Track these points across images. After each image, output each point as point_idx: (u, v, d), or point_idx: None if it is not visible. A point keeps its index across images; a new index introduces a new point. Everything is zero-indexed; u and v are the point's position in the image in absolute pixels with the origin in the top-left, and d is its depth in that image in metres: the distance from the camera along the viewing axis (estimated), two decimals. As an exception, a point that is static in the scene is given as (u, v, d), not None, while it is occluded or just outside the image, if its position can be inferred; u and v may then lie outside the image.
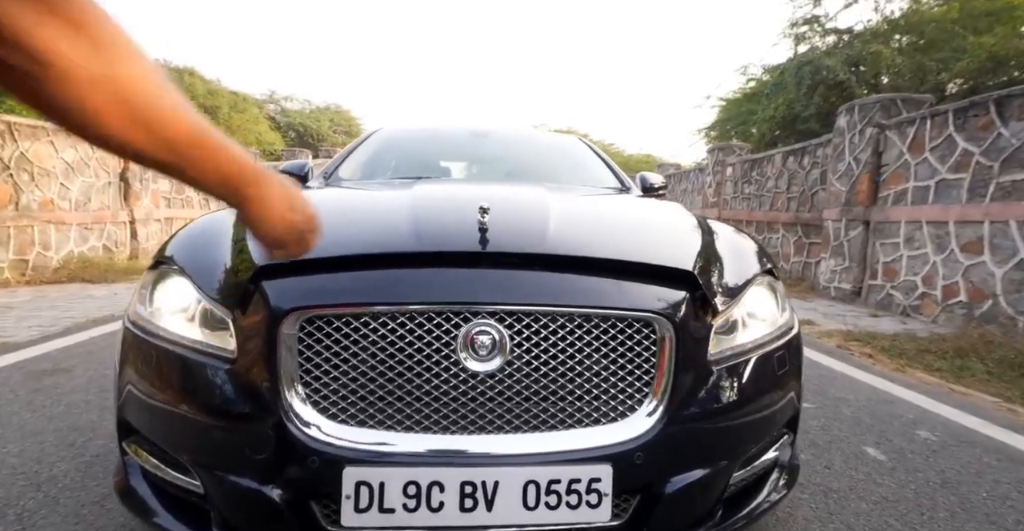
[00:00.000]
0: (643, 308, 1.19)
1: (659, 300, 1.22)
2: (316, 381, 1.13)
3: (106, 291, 6.10)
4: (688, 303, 1.23)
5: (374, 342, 1.14)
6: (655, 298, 1.22)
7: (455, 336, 1.14)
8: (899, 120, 5.92)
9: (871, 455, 2.21)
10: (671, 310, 1.20)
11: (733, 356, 1.30)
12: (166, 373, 1.22)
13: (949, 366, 3.69)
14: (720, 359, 1.27)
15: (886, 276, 6.03)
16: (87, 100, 0.42)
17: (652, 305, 1.20)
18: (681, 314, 1.20)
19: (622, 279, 1.23)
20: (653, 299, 1.22)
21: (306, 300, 1.14)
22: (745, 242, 1.69)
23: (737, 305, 1.38)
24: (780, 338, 1.42)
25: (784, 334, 1.44)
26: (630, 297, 1.20)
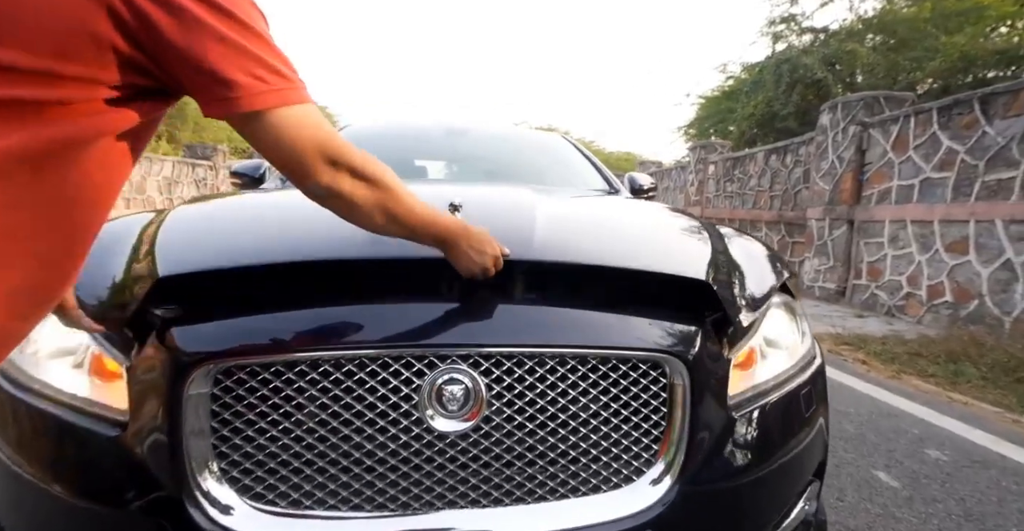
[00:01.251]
0: (651, 347, 0.96)
1: (668, 335, 0.99)
2: (236, 451, 0.87)
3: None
4: (703, 333, 1.01)
5: (312, 398, 0.89)
6: (663, 332, 1.00)
7: (417, 387, 0.90)
8: (882, 118, 5.85)
9: (884, 481, 2.03)
10: (683, 346, 0.98)
11: (755, 397, 1.08)
12: (35, 440, 0.95)
13: (943, 371, 3.57)
14: (740, 403, 1.05)
15: (871, 276, 5.96)
16: (373, 216, 0.81)
17: (661, 342, 0.98)
18: (695, 350, 0.98)
19: (623, 304, 1.00)
20: (661, 334, 0.99)
21: (221, 344, 0.88)
22: (757, 248, 1.48)
23: (755, 333, 1.17)
24: (804, 370, 1.21)
25: (807, 365, 1.24)
26: (635, 332, 0.98)
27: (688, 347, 0.98)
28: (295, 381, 0.88)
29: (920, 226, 5.26)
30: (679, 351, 0.97)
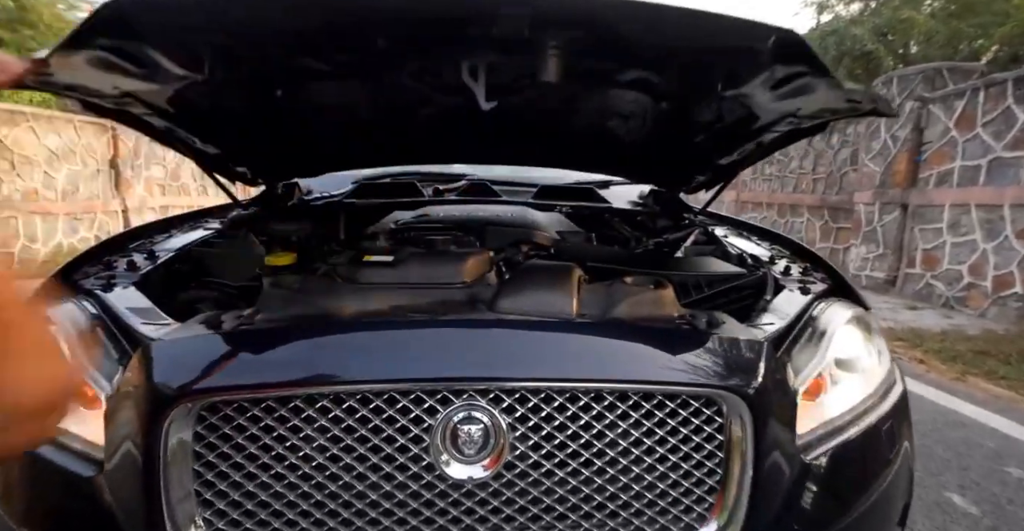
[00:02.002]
0: (704, 382, 0.80)
1: (724, 364, 0.83)
2: (221, 499, 0.76)
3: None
4: (766, 360, 0.84)
5: (309, 439, 0.76)
6: (718, 362, 0.83)
7: (429, 427, 0.77)
8: (945, 93, 5.37)
9: (959, 506, 1.81)
10: (742, 378, 0.81)
11: (828, 436, 0.91)
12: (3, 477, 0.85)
13: (1016, 373, 3.26)
14: (810, 443, 0.88)
15: (926, 264, 5.56)
16: None
17: (715, 374, 0.81)
18: (757, 382, 0.81)
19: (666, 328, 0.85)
20: (716, 364, 0.83)
21: (204, 378, 0.76)
22: (810, 254, 1.32)
23: (824, 355, 0.99)
24: (884, 399, 1.03)
25: (887, 392, 1.05)
26: (684, 363, 0.82)
27: (748, 379, 0.82)
28: (289, 419, 0.76)
29: (986, 211, 4.84)
30: (737, 385, 0.81)
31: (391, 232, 1.53)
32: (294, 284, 1.12)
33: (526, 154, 1.81)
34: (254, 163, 1.84)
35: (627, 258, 1.43)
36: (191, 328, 0.94)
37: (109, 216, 7.89)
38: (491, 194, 2.02)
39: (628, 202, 2.22)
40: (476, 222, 1.56)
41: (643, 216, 1.96)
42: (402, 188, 2.07)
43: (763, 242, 1.72)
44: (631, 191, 2.34)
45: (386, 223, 1.67)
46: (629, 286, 1.13)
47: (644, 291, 1.10)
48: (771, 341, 0.96)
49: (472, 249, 1.32)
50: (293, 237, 1.68)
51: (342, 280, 1.19)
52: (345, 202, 1.84)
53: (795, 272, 1.37)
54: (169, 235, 1.60)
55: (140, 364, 0.78)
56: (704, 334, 0.89)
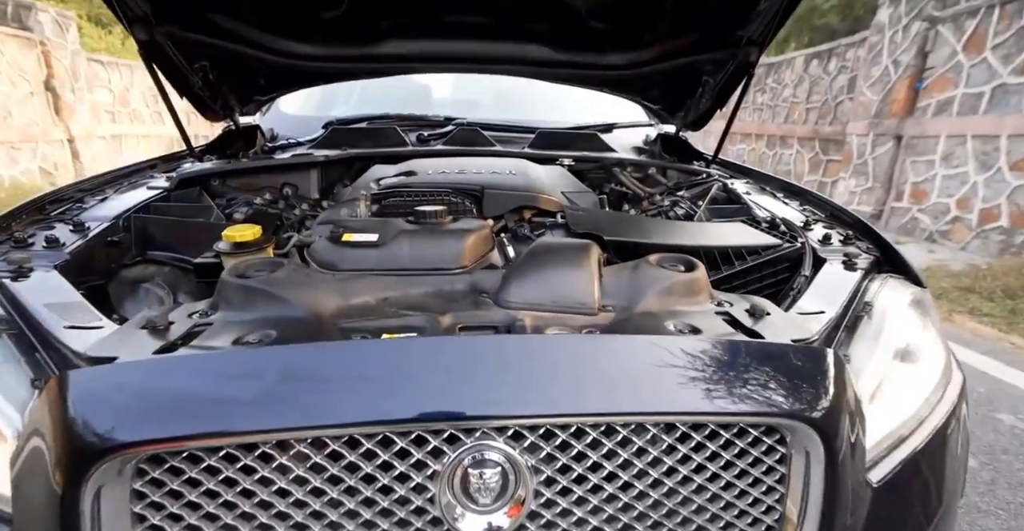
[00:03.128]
0: (765, 409, 0.65)
1: (788, 383, 0.68)
2: None
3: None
4: (837, 370, 0.71)
5: (283, 494, 0.60)
6: (782, 377, 0.68)
7: (434, 473, 0.61)
8: (957, 11, 5.02)
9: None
10: (810, 400, 0.67)
11: (893, 449, 0.80)
12: None
13: (999, 310, 3.27)
14: (875, 460, 0.77)
15: (913, 198, 5.49)
16: None
17: (778, 397, 0.67)
18: (827, 402, 0.68)
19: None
20: (778, 380, 0.68)
21: (143, 425, 0.59)
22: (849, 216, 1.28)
23: (884, 351, 0.87)
24: (946, 397, 0.91)
25: (947, 386, 0.93)
26: (739, 379, 0.67)
27: (815, 400, 0.67)
28: (257, 470, 0.59)
29: (982, 142, 4.70)
30: (802, 409, 0.66)
31: (373, 198, 1.30)
32: (259, 272, 0.92)
33: (512, 29, 1.50)
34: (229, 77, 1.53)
35: (646, 227, 1.24)
36: (128, 337, 0.75)
37: (53, 146, 7.24)
38: (483, 142, 1.77)
39: (633, 148, 2.00)
40: (471, 185, 1.33)
41: (654, 167, 1.74)
42: (381, 134, 1.79)
43: (791, 200, 1.54)
44: (635, 136, 2.10)
45: (366, 183, 1.43)
46: (657, 268, 0.96)
47: (675, 276, 0.93)
48: (828, 337, 0.82)
49: (470, 222, 1.12)
50: (257, 199, 1.44)
51: (317, 265, 0.99)
52: (317, 155, 1.57)
53: (835, 240, 1.21)
54: (103, 197, 1.34)
55: (53, 402, 0.60)
56: (762, 346, 0.73)
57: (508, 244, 1.18)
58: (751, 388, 0.66)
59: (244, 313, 0.85)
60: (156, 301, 1.17)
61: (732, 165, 1.95)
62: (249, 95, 1.83)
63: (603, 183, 1.67)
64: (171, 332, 0.79)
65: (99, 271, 1.11)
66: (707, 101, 1.78)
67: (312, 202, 1.52)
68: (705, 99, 1.76)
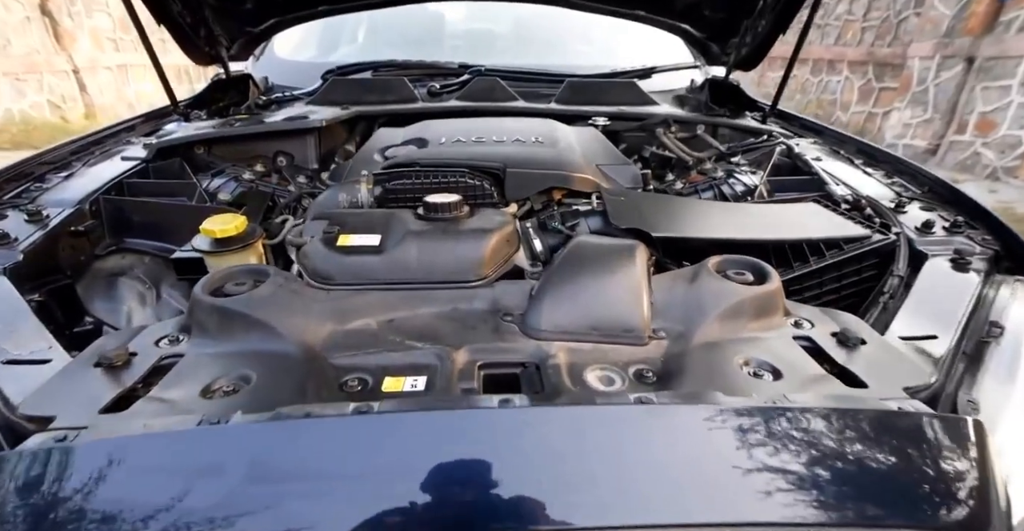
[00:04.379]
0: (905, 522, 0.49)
1: (920, 477, 0.52)
2: None
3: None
4: (978, 445, 0.54)
5: None
6: (915, 470, 0.52)
7: None
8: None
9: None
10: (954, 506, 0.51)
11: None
12: None
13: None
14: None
15: (978, 130, 4.97)
16: None
17: (915, 501, 0.50)
18: (970, 505, 0.51)
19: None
20: (909, 473, 0.52)
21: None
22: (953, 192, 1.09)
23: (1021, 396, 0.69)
24: None
25: None
26: (858, 469, 0.51)
27: (951, 504, 0.51)
28: None
29: (1070, 68, 4.15)
30: (936, 520, 0.50)
31: (376, 178, 1.09)
32: (239, 285, 0.76)
33: None
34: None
35: (700, 214, 1.03)
36: (76, 381, 0.61)
37: (58, 77, 6.97)
38: (503, 95, 1.52)
39: (675, 99, 1.72)
40: (491, 161, 1.12)
41: (703, 124, 1.48)
42: (387, 87, 1.55)
43: (874, 170, 1.29)
44: (677, 81, 1.81)
45: (369, 154, 1.22)
46: (719, 280, 0.77)
47: (741, 291, 0.75)
48: (945, 375, 0.64)
49: (491, 216, 0.92)
50: (246, 173, 1.25)
51: (309, 275, 0.82)
52: (313, 120, 1.34)
53: (939, 228, 0.99)
54: (69, 173, 1.17)
55: None
56: (876, 416, 0.56)
57: (535, 236, 0.99)
58: (863, 485, 0.50)
59: (220, 343, 0.70)
60: (136, 297, 1.03)
61: (794, 117, 1.67)
62: (239, 26, 1.59)
63: (643, 145, 1.43)
64: (131, 369, 0.65)
65: (65, 267, 0.97)
66: (766, 25, 1.47)
67: (310, 173, 1.33)
68: (764, 22, 1.46)
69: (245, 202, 1.11)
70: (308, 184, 1.28)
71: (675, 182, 1.32)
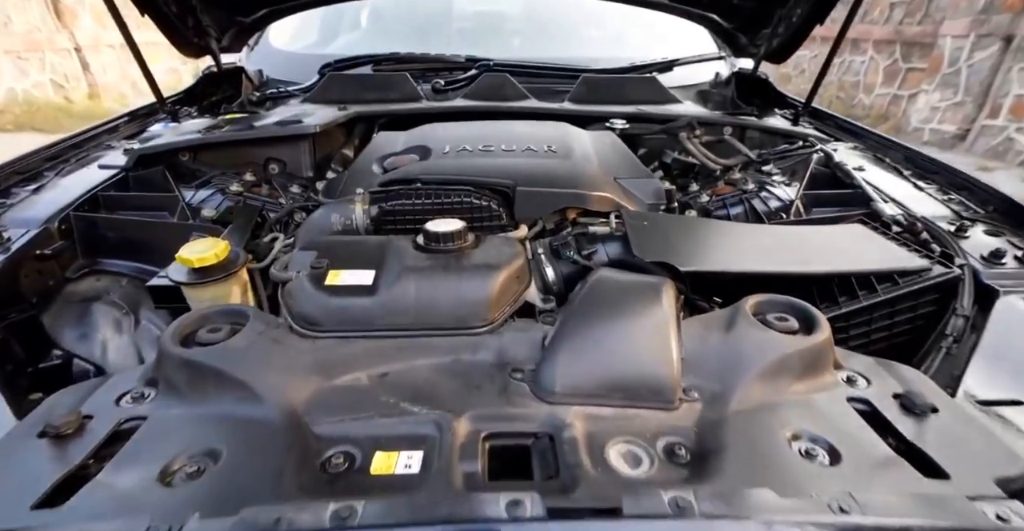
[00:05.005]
0: None
1: None
2: None
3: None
4: None
5: None
6: None
7: None
8: None
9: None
10: None
11: None
12: None
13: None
14: None
15: (1013, 114, 4.74)
16: None
17: None
18: None
19: None
20: None
21: None
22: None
23: None
24: None
25: None
26: None
27: None
28: None
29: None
30: None
31: (372, 197, 0.99)
32: (213, 332, 0.68)
33: None
34: None
35: (733, 240, 0.92)
36: (12, 460, 0.53)
37: (60, 55, 6.84)
38: (513, 93, 1.40)
39: (698, 96, 1.58)
40: (500, 177, 1.01)
41: (730, 125, 1.36)
42: (388, 83, 1.43)
43: (925, 183, 1.16)
44: (701, 74, 1.67)
45: (367, 165, 1.11)
46: (760, 330, 0.67)
47: (786, 343, 0.65)
48: None
49: (499, 248, 0.82)
50: (234, 184, 1.15)
51: (292, 319, 0.73)
52: (307, 125, 1.23)
53: (1011, 257, 0.88)
54: (39, 184, 1.07)
55: None
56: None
57: (547, 264, 0.89)
58: None
59: (189, 403, 0.62)
60: (111, 324, 0.95)
61: (829, 116, 1.53)
62: (228, 16, 1.47)
63: (664, 149, 1.31)
64: (84, 438, 0.57)
65: (30, 295, 0.88)
66: (802, 14, 1.34)
67: (304, 181, 1.23)
68: (800, 10, 1.32)
69: (231, 219, 1.01)
70: (302, 194, 1.18)
71: (700, 193, 1.21)
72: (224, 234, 0.97)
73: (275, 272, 0.80)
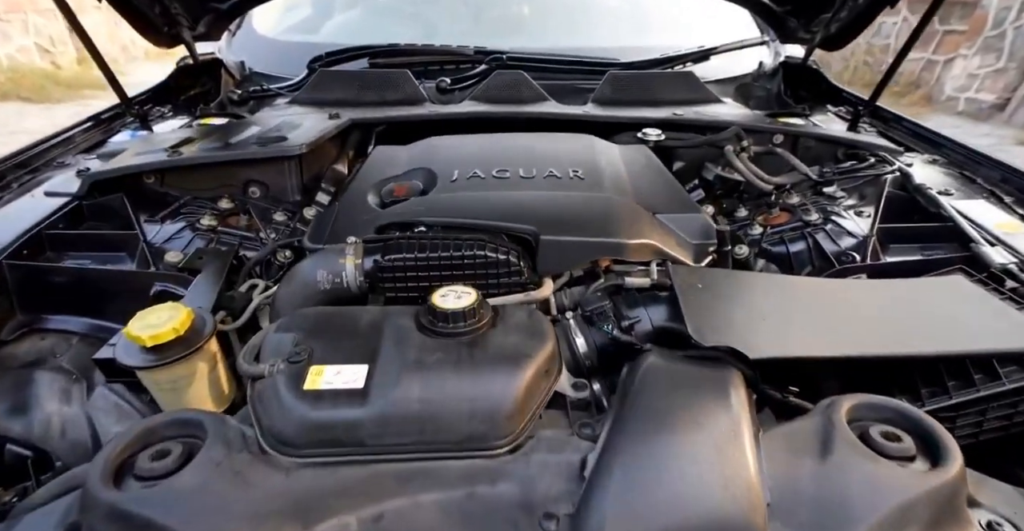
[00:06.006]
0: None
1: None
2: None
3: (48, 117, 4.96)
4: None
5: None
6: None
7: None
8: None
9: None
10: None
11: None
12: None
13: None
14: None
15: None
16: None
17: None
18: None
19: None
20: None
21: None
22: None
23: None
24: None
25: None
26: None
27: None
28: None
29: None
30: None
31: (366, 245, 0.81)
32: (157, 460, 0.54)
33: None
34: None
35: (807, 302, 0.74)
36: None
37: (45, 17, 6.49)
38: (530, 94, 1.20)
39: (737, 92, 1.38)
40: (518, 220, 0.83)
41: (782, 133, 1.16)
42: (386, 82, 1.24)
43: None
44: (741, 62, 1.45)
45: (359, 197, 0.93)
46: (868, 460, 0.53)
47: (910, 485, 0.51)
48: None
49: (521, 331, 0.66)
50: (205, 218, 0.97)
51: (262, 436, 0.58)
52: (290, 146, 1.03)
53: None
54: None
55: None
56: None
57: (578, 332, 0.73)
58: None
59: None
60: (58, 395, 0.81)
61: (894, 119, 1.33)
62: (201, 2, 1.27)
63: (704, 162, 1.12)
64: None
65: None
66: None
67: (290, 208, 1.05)
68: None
69: (200, 266, 0.85)
70: (287, 225, 1.01)
71: (751, 221, 1.02)
72: (192, 287, 0.81)
73: (243, 364, 0.64)
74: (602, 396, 0.73)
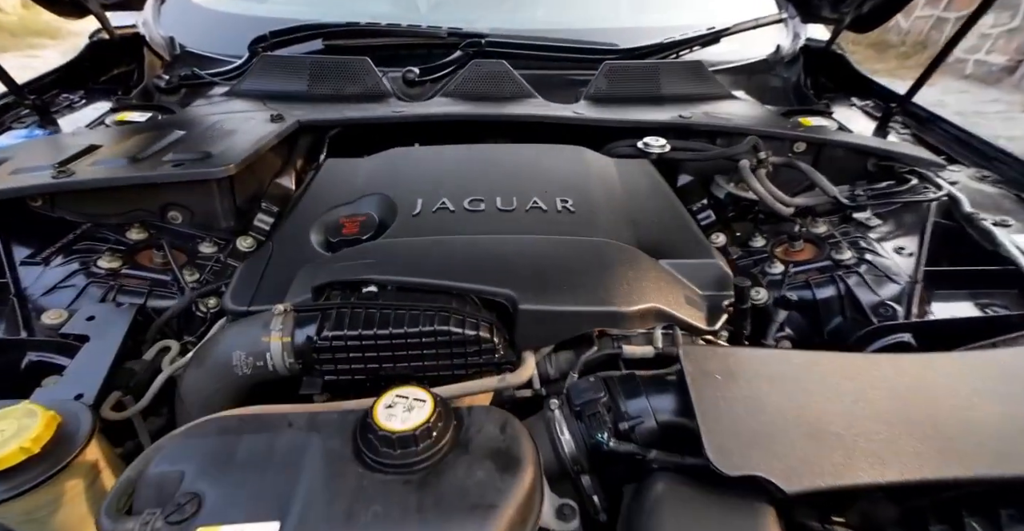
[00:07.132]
0: None
1: None
2: None
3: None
4: None
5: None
6: None
7: None
8: None
9: None
10: None
11: None
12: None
13: None
14: None
15: (1072, 50, 4.20)
16: None
17: None
18: None
19: None
20: None
21: None
22: None
23: None
24: None
25: None
26: None
27: None
28: None
29: None
30: None
31: (298, 315, 0.63)
32: None
33: None
34: None
35: (850, 401, 0.58)
36: None
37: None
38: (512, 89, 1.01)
39: (752, 84, 1.19)
40: (492, 282, 0.66)
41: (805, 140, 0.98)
42: (342, 72, 1.04)
43: None
44: (754, 45, 1.26)
45: (299, 231, 0.75)
46: None
47: None
48: None
49: (490, 455, 0.50)
50: (103, 260, 0.79)
51: None
52: (216, 169, 0.82)
53: None
54: None
55: None
56: None
57: (564, 429, 0.59)
58: None
59: None
60: None
61: (931, 120, 1.15)
62: None
63: (713, 176, 0.96)
64: None
65: None
66: None
67: (221, 236, 0.87)
68: None
69: (92, 330, 0.68)
70: (216, 260, 0.82)
71: (770, 257, 0.87)
72: (77, 358, 0.64)
73: (105, 521, 0.47)
74: (593, 494, 0.60)
